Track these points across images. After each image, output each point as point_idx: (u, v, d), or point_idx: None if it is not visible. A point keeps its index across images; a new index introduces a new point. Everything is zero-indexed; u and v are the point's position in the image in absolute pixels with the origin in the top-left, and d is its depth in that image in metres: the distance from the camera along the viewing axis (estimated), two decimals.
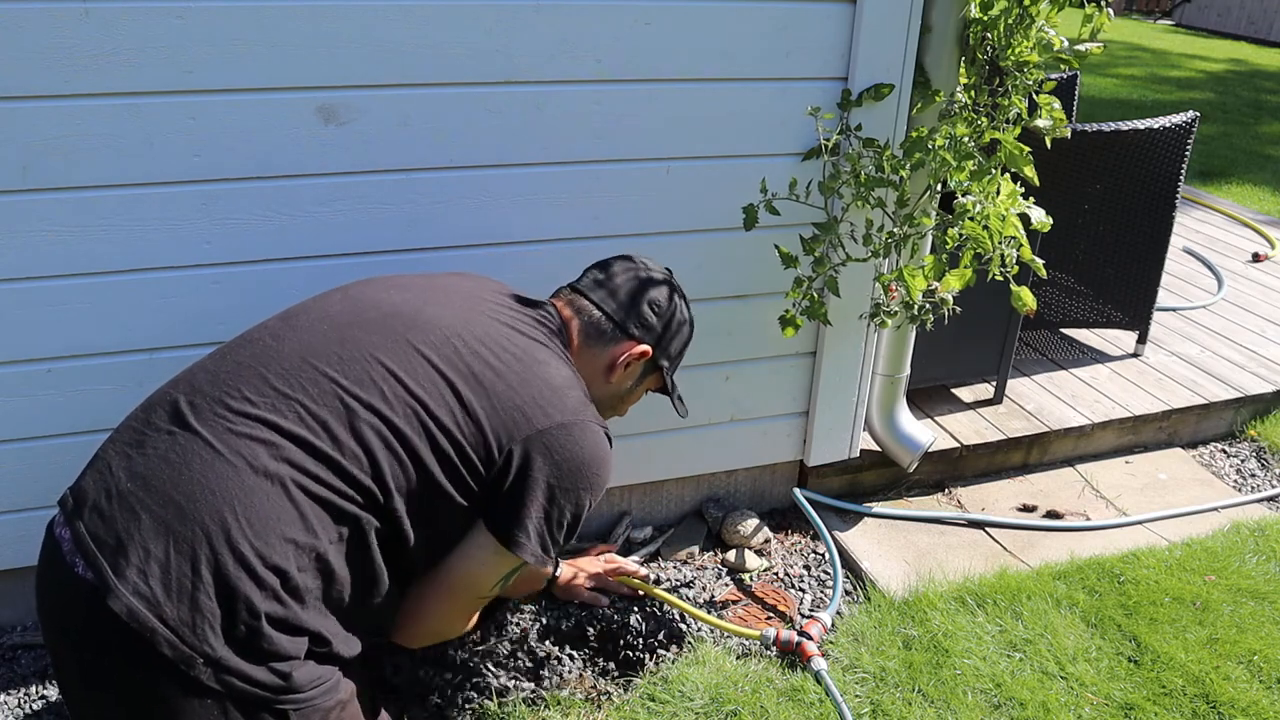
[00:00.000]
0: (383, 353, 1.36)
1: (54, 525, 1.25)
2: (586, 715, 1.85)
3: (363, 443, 1.29)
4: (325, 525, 1.26)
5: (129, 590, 1.14)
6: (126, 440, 1.28)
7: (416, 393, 1.34)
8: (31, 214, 1.68)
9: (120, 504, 1.20)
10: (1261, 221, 4.86)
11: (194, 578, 1.16)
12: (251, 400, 1.28)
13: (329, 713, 1.28)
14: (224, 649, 1.17)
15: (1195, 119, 2.93)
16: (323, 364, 1.33)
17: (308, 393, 1.30)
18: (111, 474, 1.24)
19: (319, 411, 1.29)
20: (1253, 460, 2.91)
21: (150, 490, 1.21)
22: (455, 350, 1.39)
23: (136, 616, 1.14)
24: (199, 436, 1.25)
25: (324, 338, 1.37)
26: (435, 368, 1.37)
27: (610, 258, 1.73)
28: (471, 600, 1.53)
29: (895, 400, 2.42)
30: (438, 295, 1.50)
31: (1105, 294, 3.12)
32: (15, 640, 2.01)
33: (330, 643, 1.28)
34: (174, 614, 1.15)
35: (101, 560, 1.16)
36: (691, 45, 1.91)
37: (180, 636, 1.15)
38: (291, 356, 1.34)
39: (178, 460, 1.23)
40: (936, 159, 1.91)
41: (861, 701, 1.90)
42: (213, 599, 1.17)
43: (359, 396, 1.31)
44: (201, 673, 1.16)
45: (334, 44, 1.70)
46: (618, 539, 2.33)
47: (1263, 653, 2.06)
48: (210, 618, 1.16)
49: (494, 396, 1.38)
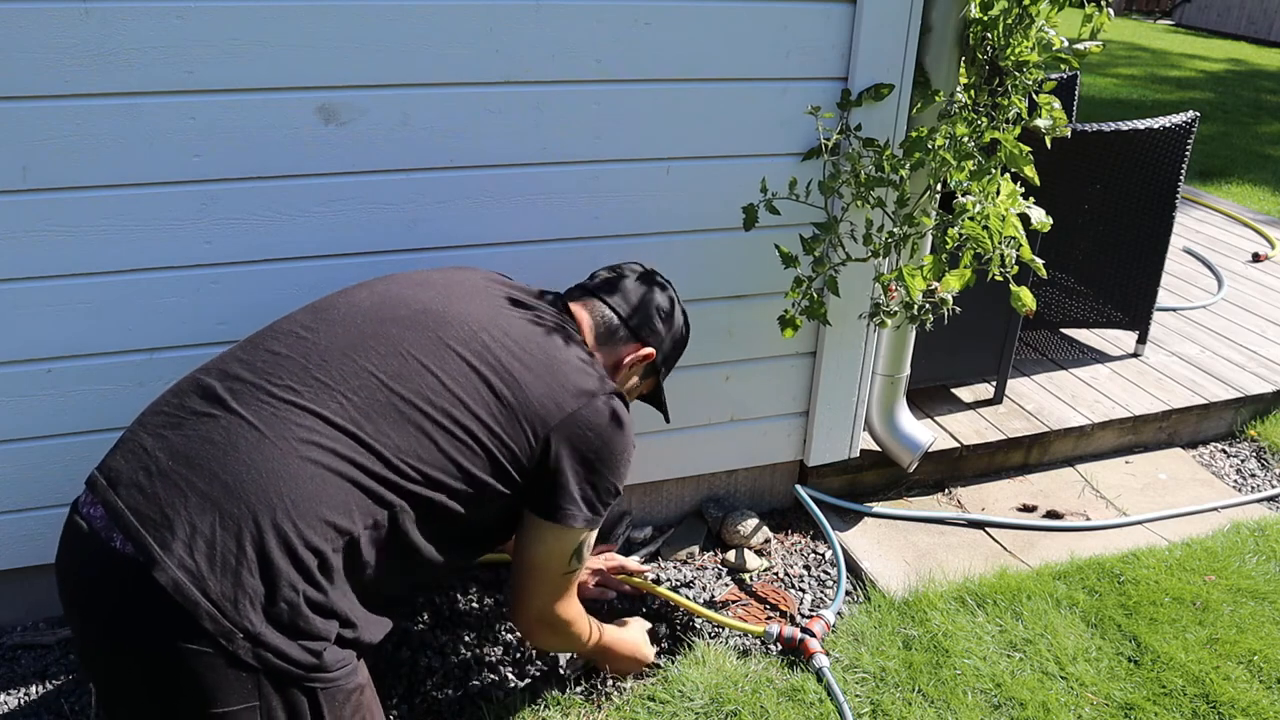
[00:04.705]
0: (418, 349, 1.40)
1: (79, 505, 1.26)
2: (586, 715, 1.85)
3: (404, 435, 1.32)
4: (363, 511, 1.28)
5: (175, 564, 1.16)
6: (159, 423, 1.30)
7: (452, 388, 1.38)
8: (31, 214, 1.68)
9: (163, 481, 1.22)
10: (1261, 221, 4.86)
11: (239, 554, 1.18)
12: (295, 389, 1.31)
13: (350, 694, 1.30)
14: (263, 625, 1.19)
15: (1195, 119, 2.93)
16: (361, 358, 1.37)
17: (349, 384, 1.33)
18: (148, 454, 1.25)
19: (361, 403, 1.32)
20: (1253, 460, 2.91)
21: (195, 469, 1.22)
22: (484, 345, 1.44)
23: (181, 590, 1.15)
24: (244, 419, 1.27)
25: (360, 332, 1.40)
26: (468, 363, 1.41)
27: (618, 264, 1.76)
28: (553, 580, 1.59)
29: (895, 400, 2.43)
30: (458, 291, 1.53)
31: (1105, 294, 3.12)
32: (15, 640, 2.01)
33: (356, 626, 1.31)
34: (217, 589, 1.16)
35: (145, 534, 1.17)
36: (691, 45, 1.91)
37: (223, 611, 1.16)
38: (330, 349, 1.37)
39: (222, 440, 1.25)
40: (936, 159, 1.91)
41: (861, 701, 1.90)
42: (255, 576, 1.19)
43: (398, 391, 1.35)
44: (240, 648, 1.17)
45: (334, 44, 1.70)
46: (618, 539, 2.33)
47: (1263, 653, 2.06)
48: (252, 594, 1.18)
49: (525, 387, 1.43)
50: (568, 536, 1.52)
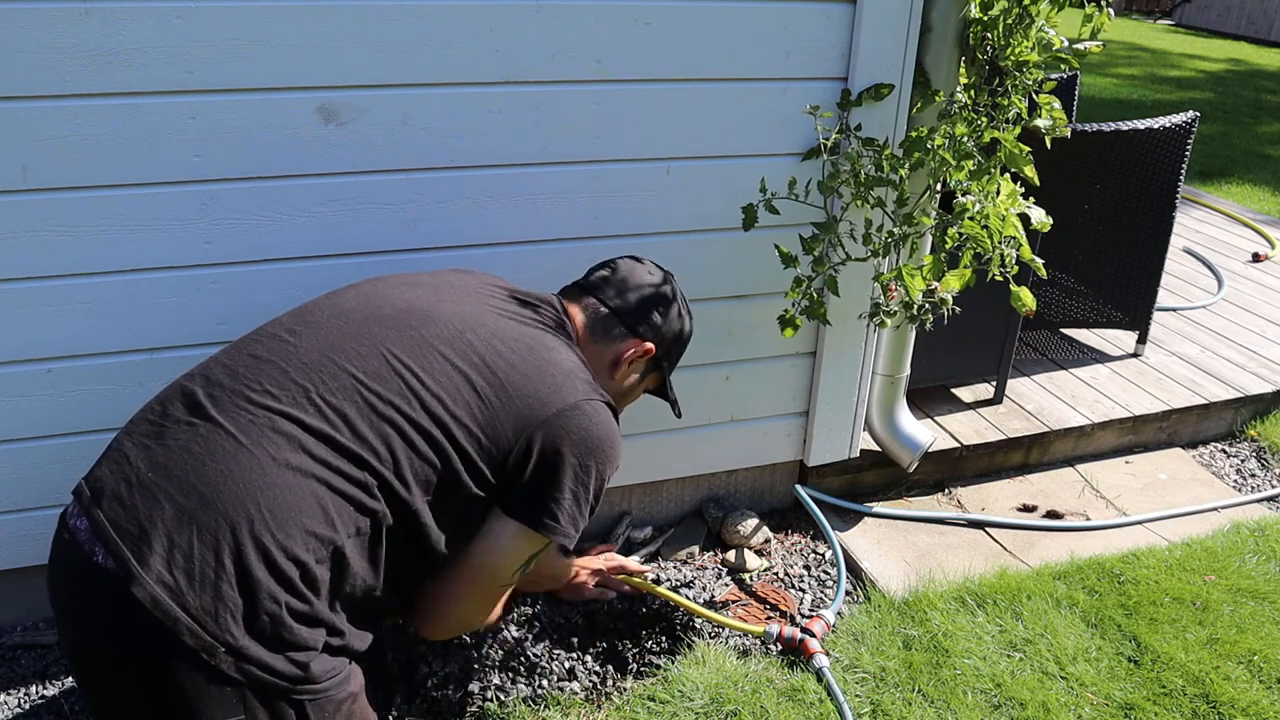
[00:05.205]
0: (399, 348, 1.38)
1: (67, 516, 1.26)
2: (586, 715, 1.85)
3: (383, 437, 1.31)
4: (345, 519, 1.27)
5: (153, 579, 1.15)
6: (143, 431, 1.29)
7: (433, 388, 1.36)
8: (31, 214, 1.68)
9: (142, 493, 1.21)
10: (1261, 221, 4.86)
11: (217, 567, 1.17)
12: (273, 394, 1.30)
13: (341, 704, 1.29)
14: (245, 638, 1.18)
15: (1195, 119, 2.93)
16: (341, 359, 1.35)
17: (328, 387, 1.32)
18: (130, 464, 1.24)
19: (340, 406, 1.31)
20: (1253, 460, 2.91)
21: (172, 480, 1.22)
22: (469, 344, 1.42)
23: (160, 605, 1.14)
24: (221, 428, 1.26)
25: (341, 334, 1.39)
26: (450, 362, 1.39)
27: (615, 258, 1.75)
28: (494, 588, 1.55)
29: (895, 400, 2.43)
30: (448, 291, 1.52)
31: (1105, 294, 3.12)
32: (15, 640, 2.01)
33: (344, 634, 1.30)
34: (196, 603, 1.16)
35: (124, 549, 1.17)
36: (691, 45, 1.91)
37: (203, 625, 1.16)
38: (310, 352, 1.35)
39: (200, 451, 1.24)
40: (936, 158, 1.91)
41: (861, 701, 1.90)
42: (235, 589, 1.18)
43: (378, 392, 1.33)
44: (223, 661, 1.17)
45: (334, 44, 1.70)
46: (618, 539, 2.33)
47: (1263, 653, 2.06)
48: (232, 607, 1.17)
49: (509, 387, 1.41)
50: (528, 542, 1.47)
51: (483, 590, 1.54)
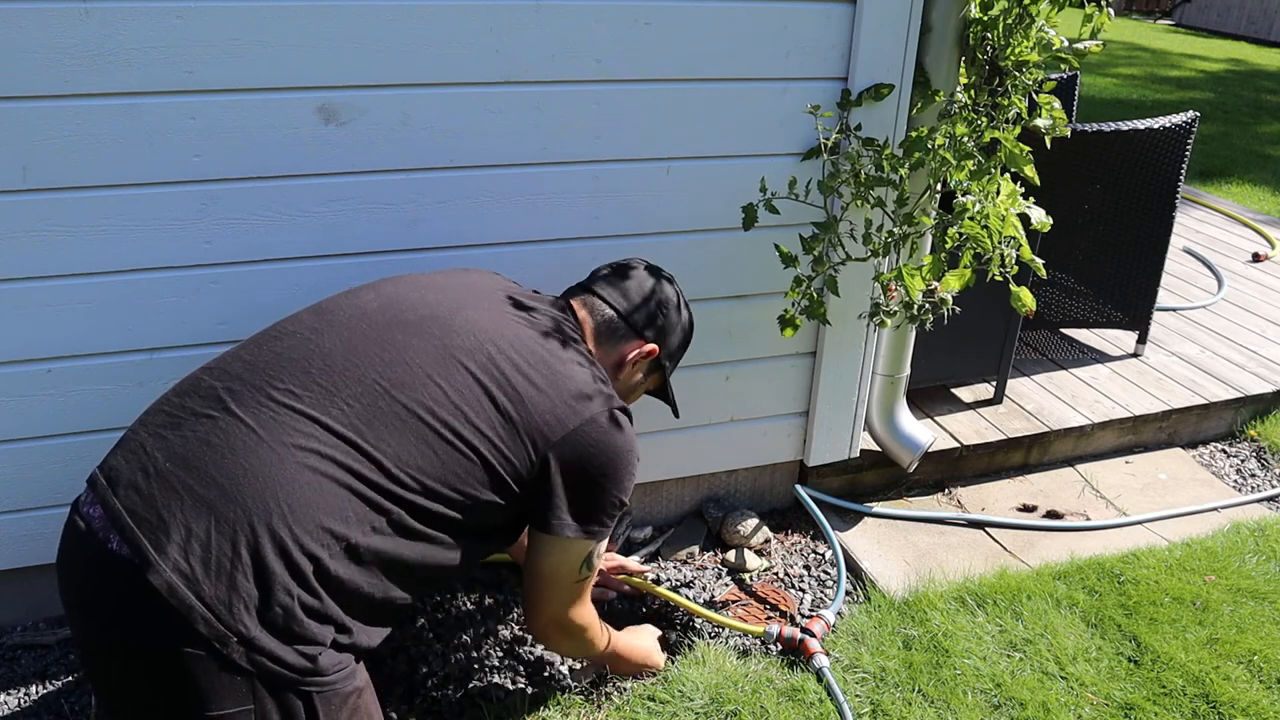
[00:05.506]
0: (423, 358, 1.39)
1: (80, 503, 1.26)
2: (586, 715, 1.85)
3: (404, 444, 1.32)
4: (362, 518, 1.28)
5: (169, 567, 1.16)
6: (160, 423, 1.30)
7: (455, 399, 1.37)
8: (31, 214, 1.68)
9: (160, 483, 1.22)
10: (1261, 221, 4.86)
11: (234, 558, 1.18)
12: (295, 393, 1.31)
13: (348, 698, 1.30)
14: (258, 629, 1.19)
15: (1195, 119, 2.93)
16: (365, 364, 1.36)
17: (352, 391, 1.33)
18: (147, 454, 1.25)
19: (363, 411, 1.32)
20: (1253, 460, 2.91)
21: (192, 470, 1.22)
22: (489, 357, 1.43)
23: (176, 593, 1.15)
24: (242, 422, 1.27)
25: (364, 337, 1.40)
26: (473, 375, 1.40)
27: (619, 260, 1.76)
28: (569, 586, 1.59)
29: (895, 400, 2.43)
30: (466, 296, 1.53)
31: (1105, 294, 3.12)
32: (15, 640, 2.01)
33: (352, 632, 1.30)
34: (212, 592, 1.16)
35: (140, 536, 1.17)
36: (691, 45, 1.91)
37: (217, 615, 1.16)
38: (333, 353, 1.37)
39: (220, 443, 1.25)
40: (936, 158, 1.91)
41: (861, 701, 1.90)
42: (250, 580, 1.18)
43: (400, 400, 1.34)
44: (234, 651, 1.17)
45: (334, 44, 1.70)
46: (618, 539, 2.33)
47: (1263, 653, 2.06)
48: (246, 598, 1.18)
49: (528, 401, 1.42)
50: (574, 548, 1.52)
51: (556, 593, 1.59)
